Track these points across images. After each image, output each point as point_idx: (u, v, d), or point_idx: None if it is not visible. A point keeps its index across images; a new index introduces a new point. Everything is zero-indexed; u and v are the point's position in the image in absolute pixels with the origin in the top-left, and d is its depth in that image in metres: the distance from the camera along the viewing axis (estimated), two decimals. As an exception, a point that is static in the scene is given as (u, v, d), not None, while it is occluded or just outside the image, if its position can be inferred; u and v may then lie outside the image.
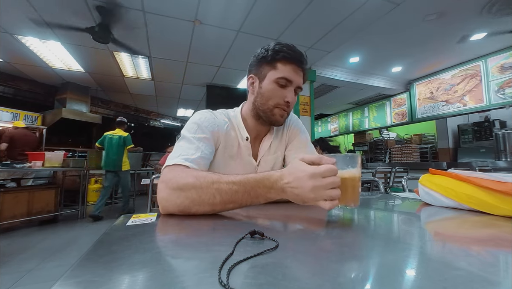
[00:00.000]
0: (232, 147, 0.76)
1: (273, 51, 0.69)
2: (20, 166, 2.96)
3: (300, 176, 0.46)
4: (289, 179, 0.47)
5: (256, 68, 0.74)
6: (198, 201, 0.52)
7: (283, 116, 0.73)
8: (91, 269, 0.27)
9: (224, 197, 0.51)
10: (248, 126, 0.78)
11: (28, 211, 2.98)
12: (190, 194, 0.52)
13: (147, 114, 7.63)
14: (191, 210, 0.52)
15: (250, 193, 0.51)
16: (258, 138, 0.81)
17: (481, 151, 4.29)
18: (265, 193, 0.50)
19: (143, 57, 3.85)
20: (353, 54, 3.96)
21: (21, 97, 4.93)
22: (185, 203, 0.52)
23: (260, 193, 0.51)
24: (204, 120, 0.72)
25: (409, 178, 1.35)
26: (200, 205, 0.52)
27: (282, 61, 0.69)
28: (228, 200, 0.51)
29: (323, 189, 0.44)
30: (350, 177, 0.47)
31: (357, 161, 0.48)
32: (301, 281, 0.24)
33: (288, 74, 0.69)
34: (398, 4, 2.58)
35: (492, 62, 3.92)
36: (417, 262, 0.30)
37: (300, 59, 0.70)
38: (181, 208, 0.52)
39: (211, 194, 0.52)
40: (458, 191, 0.56)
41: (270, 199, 0.51)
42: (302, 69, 0.71)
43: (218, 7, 2.62)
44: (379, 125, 6.15)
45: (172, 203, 0.53)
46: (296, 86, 0.71)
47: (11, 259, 2.07)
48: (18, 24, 2.96)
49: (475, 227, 0.47)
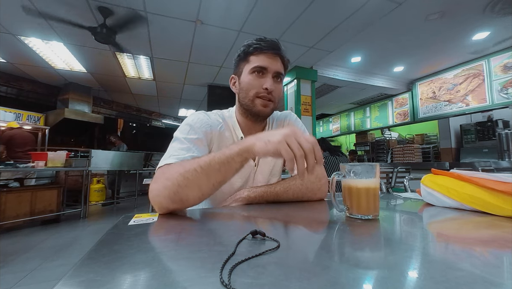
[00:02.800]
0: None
1: (245, 47, 0.72)
2: (23, 166, 2.98)
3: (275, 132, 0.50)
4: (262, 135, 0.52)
5: (235, 68, 0.77)
6: (184, 182, 0.53)
7: (266, 106, 0.72)
8: (94, 269, 0.27)
9: (204, 166, 0.53)
10: (241, 126, 0.78)
11: (31, 211, 2.99)
12: (176, 179, 0.53)
13: (149, 114, 7.65)
14: (181, 195, 0.53)
15: (224, 153, 0.54)
16: None
17: (484, 151, 4.26)
18: (236, 146, 0.54)
19: (144, 58, 3.86)
20: (355, 54, 3.95)
21: (24, 98, 4.96)
22: (173, 189, 0.52)
23: (232, 149, 0.53)
24: (197, 121, 0.72)
25: (411, 178, 1.34)
26: (186, 186, 0.52)
27: (254, 53, 0.71)
28: (208, 169, 0.53)
29: (293, 136, 0.47)
30: (367, 186, 0.48)
31: (375, 170, 0.48)
32: (302, 281, 0.24)
33: (261, 62, 0.70)
34: (400, 4, 2.57)
35: (495, 62, 3.89)
36: (419, 263, 0.29)
37: (271, 46, 0.71)
38: (171, 196, 0.52)
39: (193, 170, 0.53)
40: (461, 191, 0.56)
41: (242, 153, 0.53)
42: (276, 55, 0.72)
43: (220, 7, 2.63)
44: (381, 125, 6.13)
45: (162, 196, 0.53)
46: (274, 72, 0.72)
47: (14, 258, 2.08)
48: (21, 25, 2.98)
49: (478, 227, 0.47)
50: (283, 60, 0.74)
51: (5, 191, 2.81)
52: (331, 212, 0.63)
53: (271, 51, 0.71)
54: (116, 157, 4.33)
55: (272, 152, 0.48)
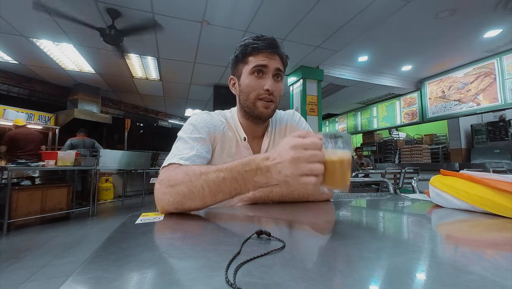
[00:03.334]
0: (230, 148, 0.76)
1: (242, 47, 0.71)
2: (34, 164, 3.06)
3: (282, 148, 0.44)
4: (274, 156, 0.46)
5: (234, 69, 0.76)
6: (189, 195, 0.52)
7: (267, 107, 0.71)
8: (102, 266, 0.27)
9: (212, 187, 0.50)
10: (243, 127, 0.78)
11: (41, 209, 3.07)
12: (181, 189, 0.52)
13: (156, 114, 7.75)
14: (184, 205, 0.52)
15: (237, 179, 0.49)
16: (256, 138, 0.80)
17: (495, 151, 4.15)
18: (252, 176, 0.48)
19: (152, 58, 3.91)
20: (362, 53, 3.90)
21: (36, 98, 5.09)
22: (177, 199, 0.52)
23: (247, 177, 0.49)
24: (200, 121, 0.73)
25: (420, 179, 1.32)
26: (191, 199, 0.52)
27: (252, 54, 0.70)
28: (216, 190, 0.50)
29: (304, 161, 0.41)
30: (338, 158, 0.43)
31: (347, 141, 0.44)
32: (308, 282, 0.24)
33: (260, 62, 0.69)
34: (408, 2, 2.53)
35: (507, 60, 3.78)
36: (427, 265, 0.29)
37: (269, 45, 0.69)
38: (175, 204, 0.53)
39: (200, 186, 0.51)
40: (471, 193, 0.55)
41: (258, 184, 0.49)
42: (275, 53, 0.70)
43: (226, 8, 2.64)
44: (389, 125, 6.04)
45: (166, 201, 0.53)
46: (273, 70, 0.70)
47: (26, 255, 2.14)
48: (32, 27, 3.06)
49: (489, 230, 0.46)
50: (281, 58, 0.72)
51: (17, 189, 2.89)
52: (337, 213, 0.62)
53: (269, 49, 0.69)
54: (124, 157, 4.40)
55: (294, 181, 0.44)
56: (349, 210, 0.64)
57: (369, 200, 0.82)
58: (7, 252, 2.20)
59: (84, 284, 0.24)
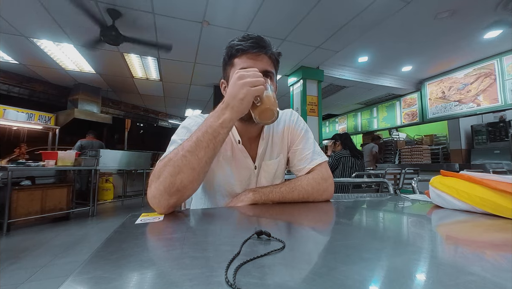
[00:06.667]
0: (226, 151, 0.74)
1: (228, 49, 0.70)
2: (35, 164, 3.05)
3: (231, 82, 0.57)
4: (227, 92, 0.58)
5: (223, 72, 0.75)
6: (176, 170, 0.54)
7: None
8: (102, 266, 0.27)
9: (192, 150, 0.55)
10: (238, 129, 0.75)
11: (41, 209, 3.07)
12: (167, 171, 0.54)
13: (156, 114, 7.75)
14: (177, 184, 0.53)
15: (207, 131, 0.56)
16: (251, 140, 0.77)
17: (495, 152, 4.14)
18: (216, 119, 0.57)
19: (152, 58, 3.91)
20: (362, 53, 3.90)
21: (36, 98, 5.09)
22: (167, 181, 0.53)
23: (214, 124, 0.57)
24: (194, 124, 0.71)
25: (420, 180, 1.32)
26: (180, 172, 0.54)
27: (237, 56, 0.68)
28: (195, 150, 0.55)
29: (249, 77, 0.55)
30: (271, 91, 0.61)
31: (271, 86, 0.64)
32: (308, 282, 0.24)
33: (244, 64, 0.66)
34: (408, 2, 2.53)
35: (507, 61, 3.79)
36: (427, 266, 0.29)
37: (253, 45, 0.66)
38: (167, 189, 0.53)
39: (180, 157, 0.54)
40: (471, 193, 0.54)
41: (225, 122, 0.57)
42: (262, 53, 0.67)
43: (226, 8, 2.64)
44: (389, 125, 6.04)
45: (158, 193, 0.53)
46: (261, 71, 0.62)
47: (26, 255, 2.14)
48: (33, 27, 3.06)
49: (489, 230, 0.46)
50: (270, 57, 0.69)
51: (17, 189, 2.89)
52: (337, 213, 0.62)
53: (254, 50, 0.66)
54: (124, 157, 4.40)
55: (248, 99, 0.55)
56: (349, 211, 0.64)
57: (369, 200, 0.82)
58: (7, 252, 2.19)
59: (84, 284, 0.24)
